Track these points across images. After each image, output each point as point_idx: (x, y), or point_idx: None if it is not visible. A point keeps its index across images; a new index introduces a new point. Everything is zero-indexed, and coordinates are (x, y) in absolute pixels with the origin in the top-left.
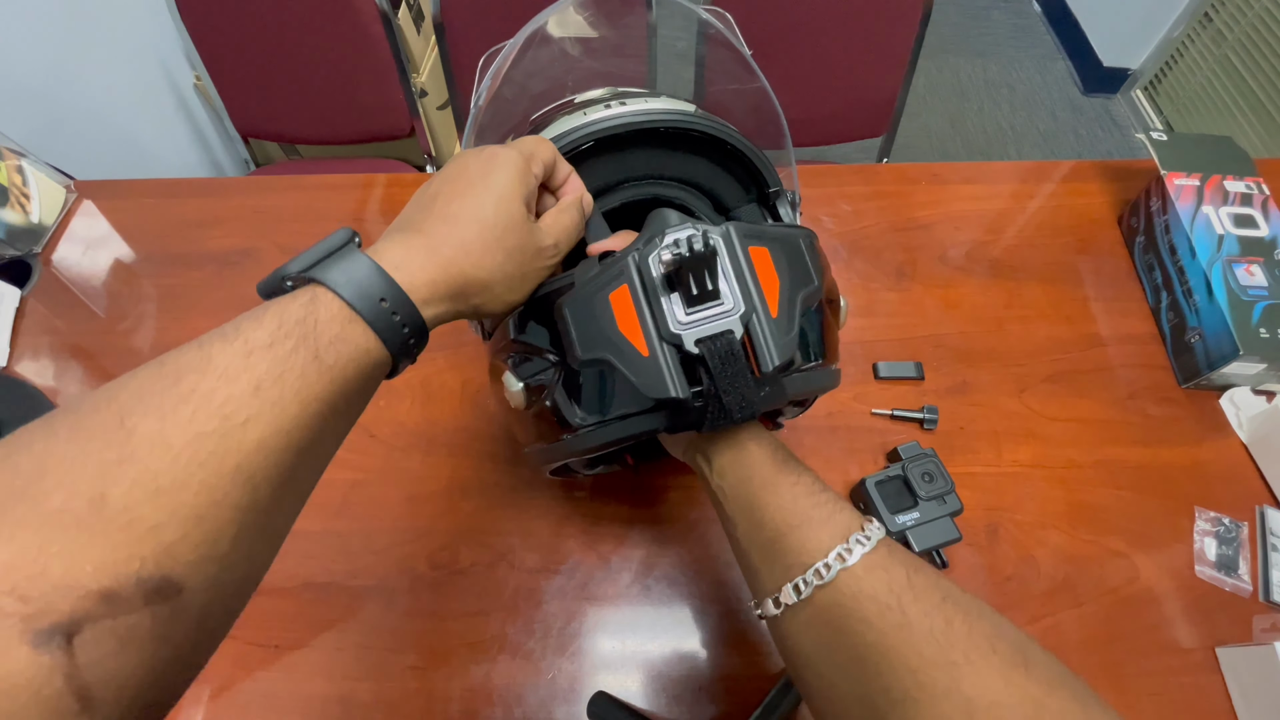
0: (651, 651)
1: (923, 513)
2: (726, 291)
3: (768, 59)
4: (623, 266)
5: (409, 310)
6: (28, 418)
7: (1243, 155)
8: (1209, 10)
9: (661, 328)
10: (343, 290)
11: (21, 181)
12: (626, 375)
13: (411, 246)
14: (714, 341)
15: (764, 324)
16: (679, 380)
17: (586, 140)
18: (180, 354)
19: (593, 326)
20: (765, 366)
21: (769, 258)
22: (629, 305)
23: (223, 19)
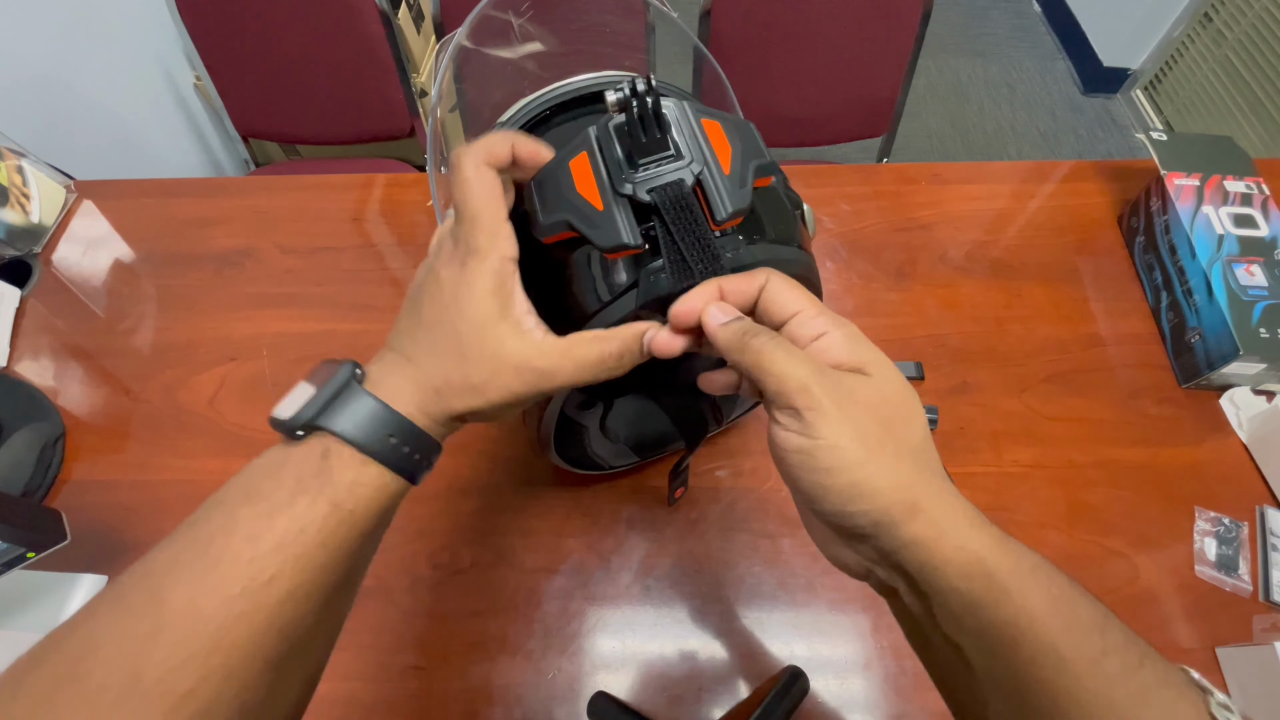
0: (651, 651)
1: None
2: (679, 145)
3: (768, 59)
4: (583, 138)
5: (418, 439)
6: (28, 418)
7: (1243, 155)
8: (1209, 10)
9: (615, 181)
10: (352, 437)
11: (21, 181)
12: (583, 231)
13: (405, 377)
14: (665, 190)
15: (716, 176)
16: (632, 228)
17: (542, 108)
18: (209, 516)
19: (554, 193)
20: (718, 214)
21: (721, 130)
22: (587, 169)
23: (223, 19)
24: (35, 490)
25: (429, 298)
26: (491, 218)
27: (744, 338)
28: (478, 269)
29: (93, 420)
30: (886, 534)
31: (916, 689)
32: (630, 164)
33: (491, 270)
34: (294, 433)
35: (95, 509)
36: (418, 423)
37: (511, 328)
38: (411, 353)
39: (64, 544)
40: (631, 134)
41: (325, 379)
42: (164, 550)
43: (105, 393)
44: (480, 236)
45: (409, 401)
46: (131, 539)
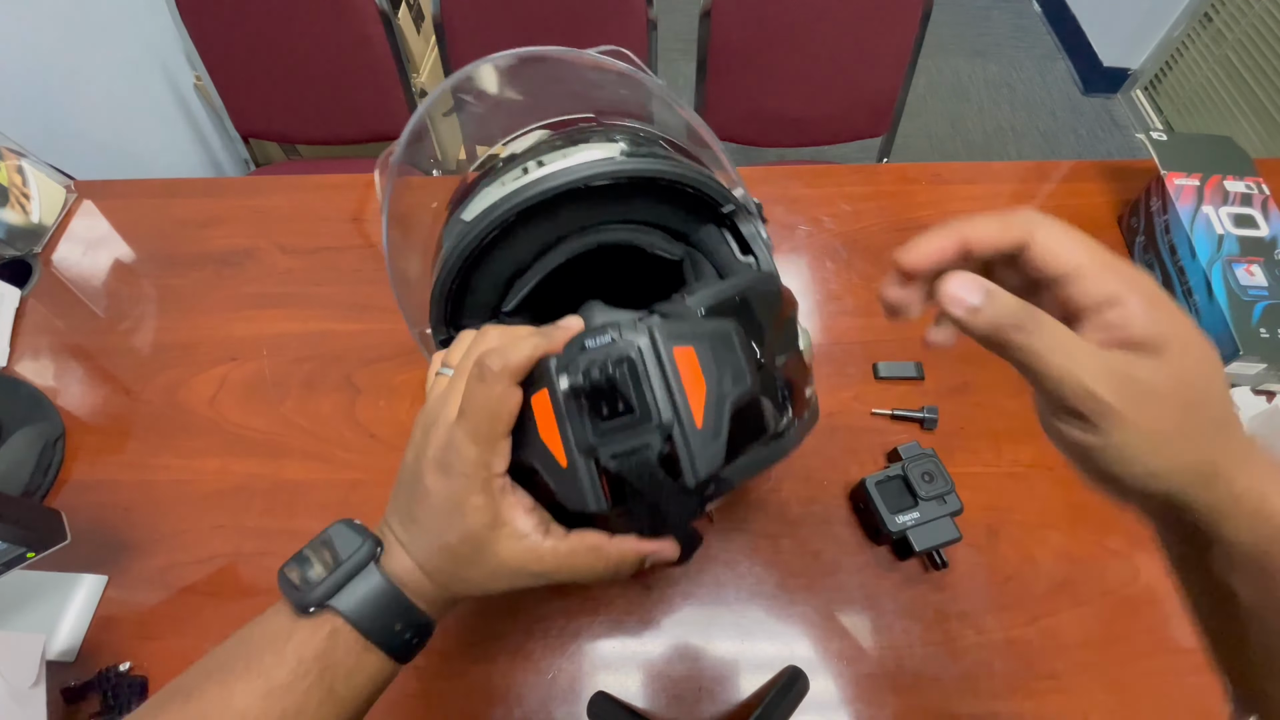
0: (651, 651)
1: (923, 513)
2: (650, 399)
3: (768, 59)
4: (544, 370)
5: (420, 626)
6: (28, 418)
7: (1243, 155)
8: (1209, 10)
9: (578, 440)
10: (361, 624)
11: (21, 181)
12: (550, 484)
13: (407, 567)
14: (630, 458)
15: (687, 434)
16: (598, 494)
17: (507, 216)
18: (205, 688)
19: (520, 431)
20: (688, 481)
21: (695, 359)
22: (549, 414)
23: (223, 19)
24: (35, 490)
25: (420, 503)
26: (495, 437)
27: (1009, 333)
28: (464, 485)
29: (93, 420)
30: (1179, 500)
31: (916, 689)
32: (592, 422)
33: (479, 486)
34: (305, 610)
35: (95, 509)
36: (419, 606)
37: (506, 536)
38: (409, 545)
39: (64, 544)
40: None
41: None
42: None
43: (105, 393)
44: (473, 451)
45: (413, 587)
46: (131, 539)
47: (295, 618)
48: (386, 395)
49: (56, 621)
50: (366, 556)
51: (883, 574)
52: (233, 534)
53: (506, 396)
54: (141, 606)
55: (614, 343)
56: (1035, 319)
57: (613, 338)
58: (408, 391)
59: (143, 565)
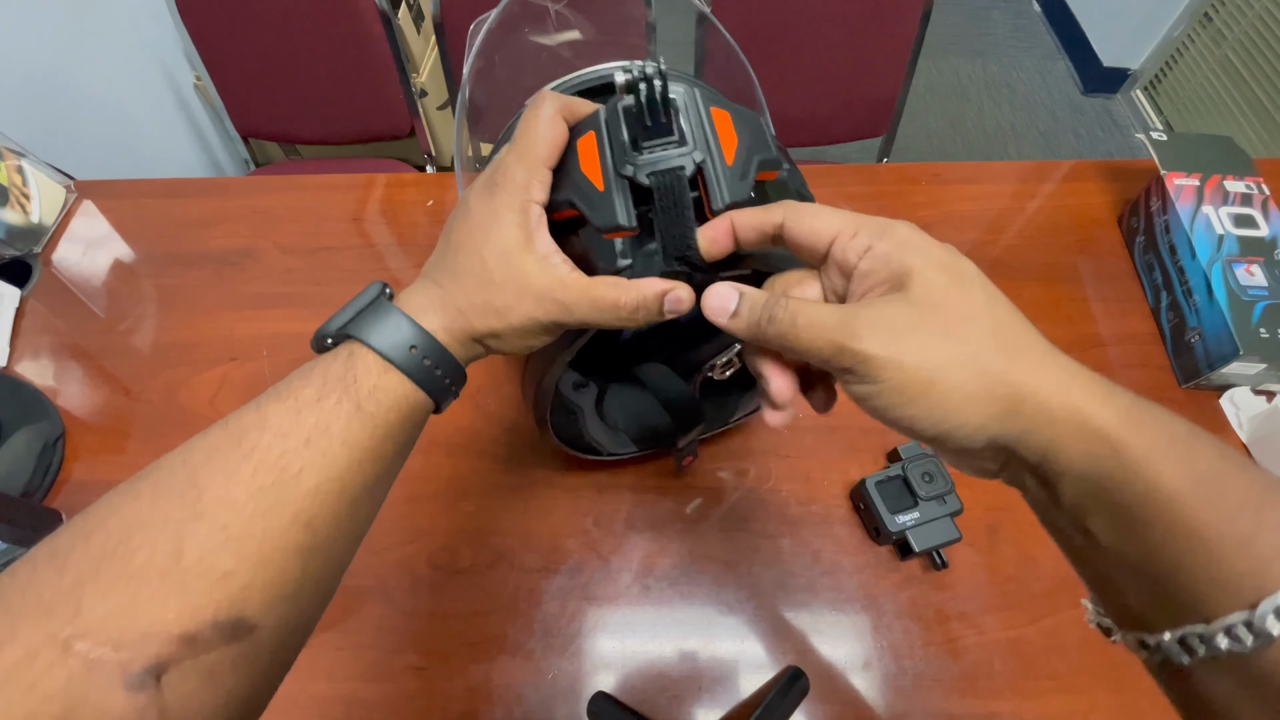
0: (651, 651)
1: (923, 513)
2: (684, 131)
3: (768, 59)
4: (592, 118)
5: (439, 354)
6: (28, 418)
7: (1243, 155)
8: (1209, 10)
9: (617, 162)
10: (375, 343)
11: (21, 181)
12: (583, 211)
13: (430, 296)
14: (663, 175)
15: (718, 166)
16: (628, 211)
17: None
18: (243, 413)
19: (561, 171)
20: (715, 204)
21: (730, 120)
22: (593, 149)
23: (223, 19)
24: (35, 490)
25: (459, 223)
26: (538, 161)
27: (764, 327)
28: (506, 201)
29: (93, 420)
30: (998, 434)
31: (916, 689)
32: (634, 146)
33: (519, 204)
34: (325, 341)
35: None
36: (439, 339)
37: (536, 259)
38: (438, 276)
39: None
40: (638, 116)
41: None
42: (201, 441)
43: (105, 393)
44: (519, 172)
45: (433, 318)
46: None
47: (318, 355)
48: None
49: None
50: (376, 292)
51: (883, 574)
52: None
53: (554, 122)
54: None
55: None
56: (779, 304)
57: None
58: None
59: None
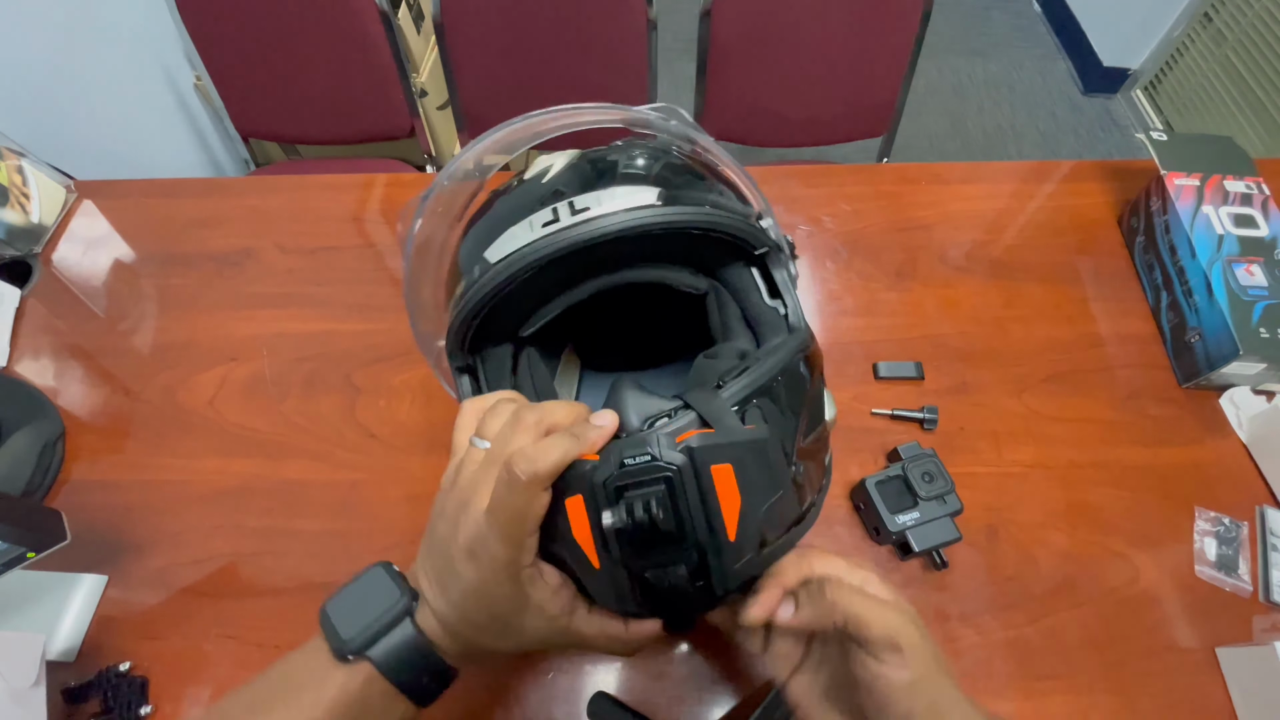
0: (652, 652)
1: (923, 513)
2: (686, 521)
3: (768, 59)
4: (579, 477)
5: (445, 676)
6: (28, 418)
7: (1243, 155)
8: (1209, 10)
9: (611, 553)
10: (393, 675)
11: (21, 181)
12: (581, 580)
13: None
14: (662, 573)
15: (721, 550)
16: (626, 599)
17: (533, 266)
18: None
19: (553, 526)
20: (716, 591)
21: (732, 476)
22: (583, 517)
23: (223, 19)
24: (35, 490)
25: (452, 581)
26: (523, 535)
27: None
28: (494, 577)
29: (93, 420)
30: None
31: None
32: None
33: (507, 576)
34: (344, 656)
35: (95, 509)
36: (447, 659)
37: (532, 615)
38: (438, 609)
39: (64, 544)
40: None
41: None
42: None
43: (105, 393)
44: (503, 550)
45: (443, 642)
46: (131, 539)
47: (333, 661)
48: (386, 395)
49: (56, 621)
50: (403, 612)
51: (883, 574)
52: (233, 534)
53: (533, 501)
54: (141, 606)
55: (653, 461)
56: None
57: (652, 456)
58: (407, 391)
59: (143, 565)
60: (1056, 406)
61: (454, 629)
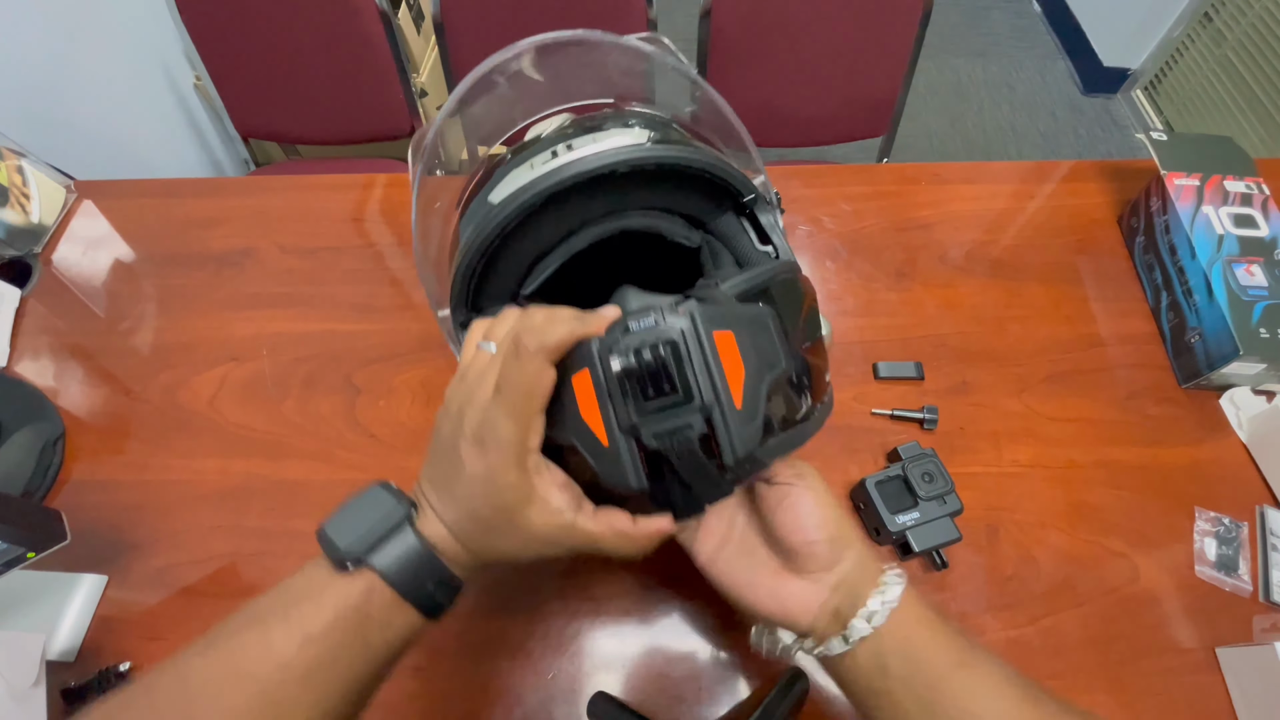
0: (652, 651)
1: (923, 513)
2: (692, 381)
3: (768, 59)
4: (586, 351)
5: (451, 585)
6: (28, 418)
7: (1243, 155)
8: (1209, 10)
9: (620, 420)
10: (396, 581)
11: (21, 181)
12: (590, 461)
13: (442, 532)
14: (673, 437)
15: (727, 415)
16: (639, 472)
17: (536, 200)
18: (244, 633)
19: (559, 410)
20: (727, 460)
21: (734, 343)
22: (590, 392)
23: (223, 19)
24: (35, 490)
25: (455, 476)
26: (530, 414)
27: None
28: (499, 461)
29: (93, 420)
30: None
31: None
32: (636, 402)
33: (514, 461)
34: (343, 565)
35: (95, 509)
36: (450, 568)
37: (538, 509)
38: (443, 512)
39: (64, 544)
40: (639, 381)
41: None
42: (198, 664)
43: (105, 393)
44: (509, 429)
45: (447, 550)
46: (131, 539)
47: (333, 573)
48: (386, 395)
49: (56, 621)
50: (401, 518)
51: None
52: (233, 534)
53: (541, 374)
54: (141, 606)
55: (657, 325)
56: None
57: (655, 320)
58: (408, 391)
59: (143, 565)
60: (1056, 406)
61: (460, 533)
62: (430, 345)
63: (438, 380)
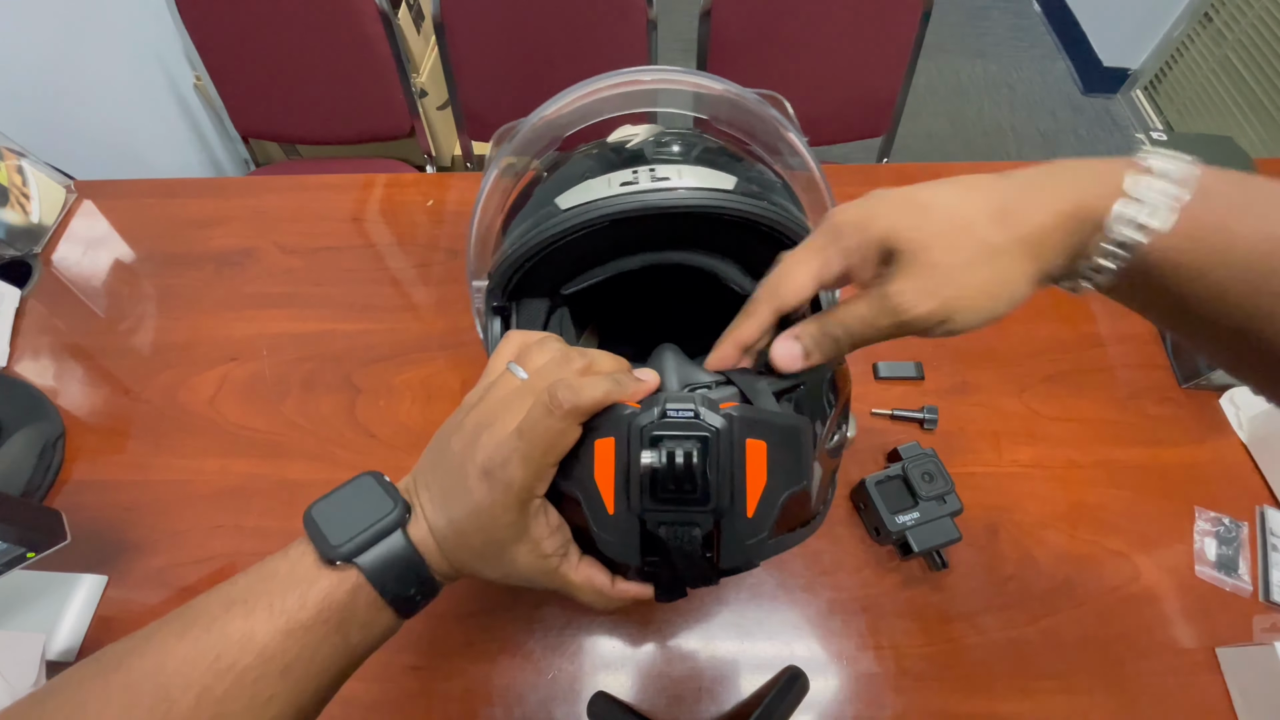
0: (651, 651)
1: (923, 513)
2: (712, 484)
3: (768, 59)
4: (617, 420)
5: (431, 589)
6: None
7: (1243, 155)
8: (1209, 10)
9: (633, 501)
10: (381, 586)
11: (21, 181)
12: (590, 522)
13: (430, 538)
14: (678, 530)
15: (735, 524)
16: (634, 550)
17: (601, 223)
18: (227, 619)
19: (573, 460)
20: (723, 562)
21: (764, 454)
22: (609, 461)
23: (223, 19)
24: (35, 490)
25: (456, 497)
26: (545, 465)
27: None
28: (504, 500)
29: (93, 420)
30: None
31: (916, 689)
32: (652, 494)
33: (516, 503)
34: (332, 561)
35: (95, 509)
36: (434, 576)
37: (527, 550)
38: (434, 524)
39: (64, 544)
40: (664, 478)
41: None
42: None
43: (105, 393)
44: (521, 473)
45: (430, 557)
46: (131, 539)
47: (320, 565)
48: (386, 395)
49: (56, 621)
50: (395, 523)
51: (883, 574)
52: (233, 534)
53: (567, 432)
54: (141, 606)
55: (696, 419)
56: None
57: (695, 413)
58: (407, 391)
59: (143, 565)
60: (1056, 406)
61: (447, 548)
62: (430, 345)
63: (438, 380)
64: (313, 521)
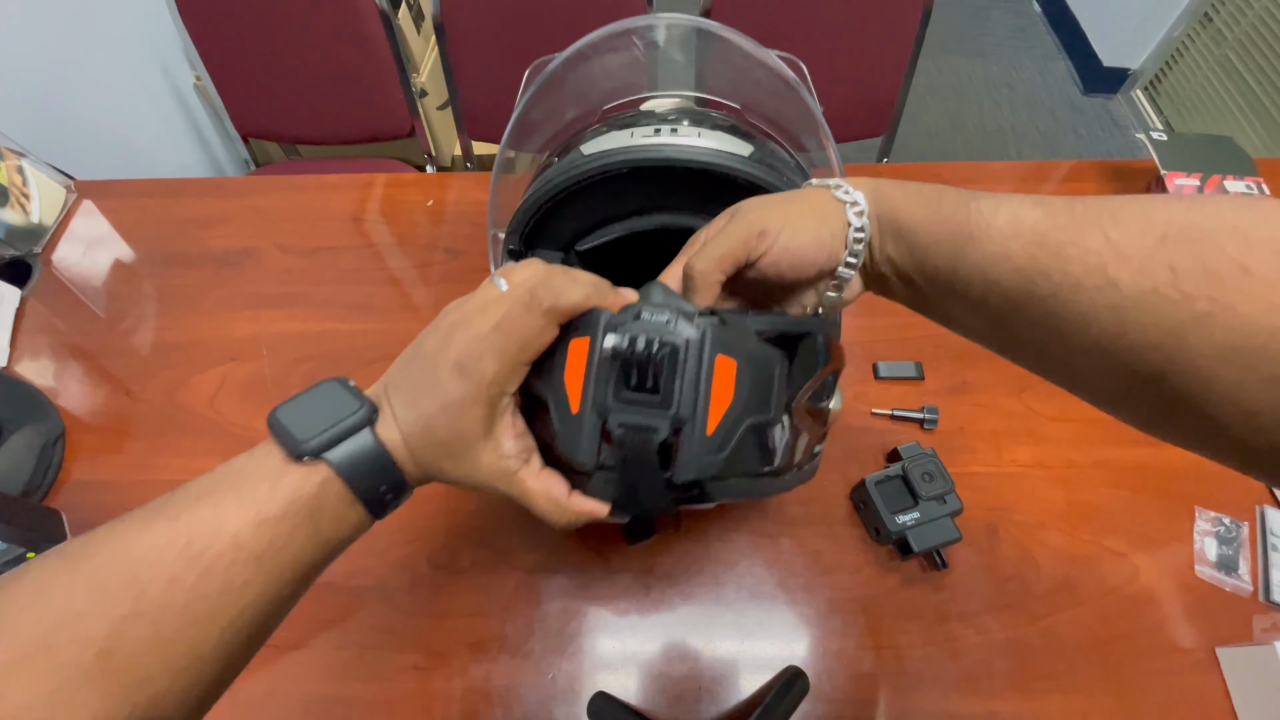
0: (651, 651)
1: (923, 513)
2: (676, 390)
3: None
4: (592, 321)
5: (401, 490)
6: (28, 418)
7: (1243, 155)
8: (1209, 10)
9: (596, 395)
10: (352, 480)
11: (21, 181)
12: (555, 423)
13: (398, 436)
14: (635, 432)
15: (695, 435)
16: (593, 451)
17: (622, 167)
18: (195, 509)
19: (548, 364)
20: (677, 477)
21: (733, 372)
22: (581, 361)
23: (223, 19)
24: (35, 490)
25: (427, 393)
26: (519, 362)
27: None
28: (473, 393)
29: (93, 420)
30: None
31: (916, 689)
32: (616, 386)
33: (486, 398)
34: (299, 456)
35: (95, 509)
36: (406, 480)
37: (490, 449)
38: (403, 422)
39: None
40: (624, 369)
41: (338, 410)
42: (145, 533)
43: (105, 393)
44: (494, 367)
45: (399, 457)
46: None
47: (287, 461)
48: None
49: None
50: (363, 420)
51: (883, 574)
52: None
53: (544, 331)
54: None
55: (667, 324)
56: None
57: (668, 319)
58: None
59: None
60: (1056, 406)
61: (414, 445)
62: None
63: None
64: (278, 422)
